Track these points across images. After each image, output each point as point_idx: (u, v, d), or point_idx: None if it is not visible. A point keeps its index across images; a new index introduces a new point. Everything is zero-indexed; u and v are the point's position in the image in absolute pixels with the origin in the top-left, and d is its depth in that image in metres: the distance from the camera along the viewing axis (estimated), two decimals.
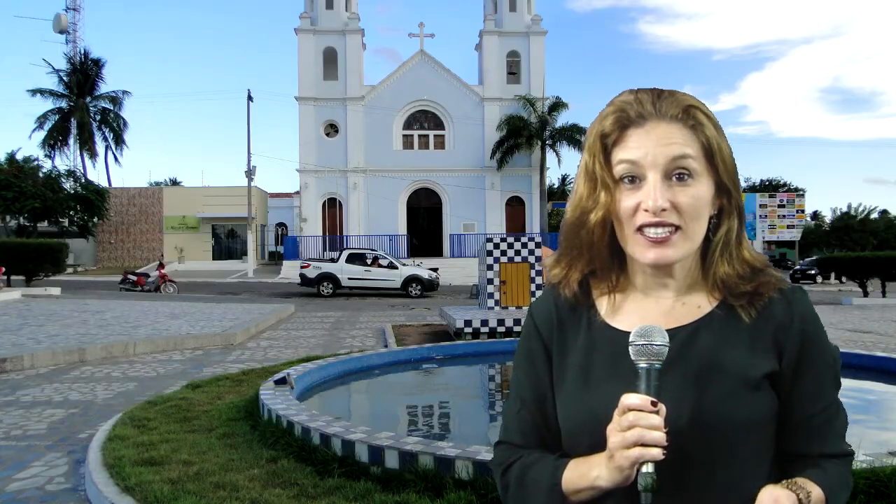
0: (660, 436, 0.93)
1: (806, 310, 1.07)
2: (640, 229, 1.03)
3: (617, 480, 0.97)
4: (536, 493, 1.07)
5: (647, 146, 1.02)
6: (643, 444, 0.92)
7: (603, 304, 1.13)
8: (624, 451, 0.94)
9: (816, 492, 1.00)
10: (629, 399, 0.95)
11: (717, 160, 1.05)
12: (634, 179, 1.04)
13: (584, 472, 1.02)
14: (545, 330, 1.15)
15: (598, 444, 1.00)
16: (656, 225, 1.01)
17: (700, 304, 1.09)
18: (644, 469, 0.93)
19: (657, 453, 0.92)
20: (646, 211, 1.01)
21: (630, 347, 0.99)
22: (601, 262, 1.11)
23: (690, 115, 1.04)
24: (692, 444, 0.99)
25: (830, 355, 1.08)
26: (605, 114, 1.07)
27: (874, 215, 63.15)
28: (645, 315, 1.08)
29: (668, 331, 1.00)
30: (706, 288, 1.09)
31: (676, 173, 1.02)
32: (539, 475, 1.07)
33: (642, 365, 0.98)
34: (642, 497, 0.95)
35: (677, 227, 1.02)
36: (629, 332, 1.01)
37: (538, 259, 12.40)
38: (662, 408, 0.95)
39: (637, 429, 0.93)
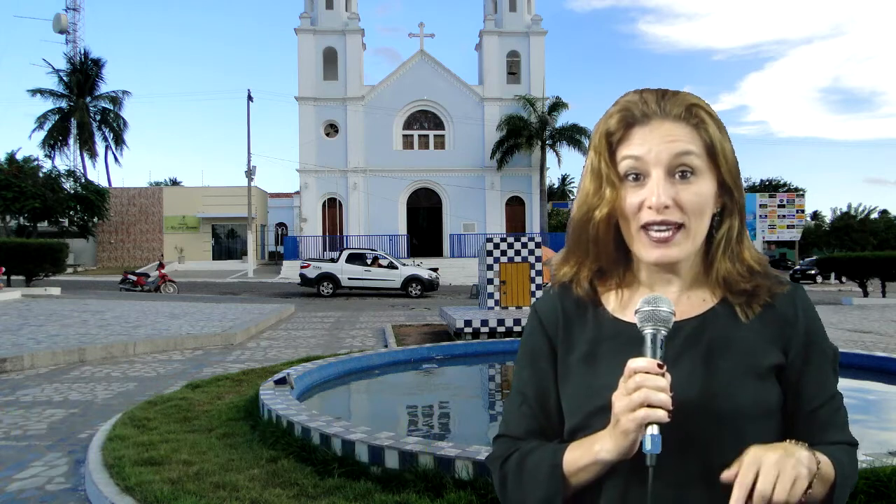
0: (666, 398, 0.93)
1: (808, 305, 1.11)
2: (644, 227, 1.05)
3: (622, 448, 0.97)
4: (536, 476, 1.06)
5: (650, 143, 1.04)
6: (650, 406, 0.92)
7: (610, 300, 1.14)
8: (630, 414, 0.93)
9: (824, 458, 0.98)
10: (635, 362, 0.95)
11: (720, 158, 1.06)
12: (639, 177, 1.05)
13: (586, 449, 1.02)
14: (550, 327, 1.16)
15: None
16: (660, 224, 1.03)
17: (705, 298, 1.11)
18: (649, 431, 0.93)
19: (663, 415, 0.92)
20: (649, 208, 1.03)
21: (636, 314, 1.00)
22: (607, 258, 1.12)
23: (693, 113, 1.05)
24: (701, 427, 1.00)
25: (830, 349, 1.11)
26: (610, 113, 1.09)
27: (874, 215, 63.05)
28: None
29: (675, 323, 1.01)
30: (709, 284, 1.11)
31: (679, 171, 1.04)
32: (539, 459, 1.07)
33: (648, 331, 0.98)
34: (648, 458, 0.94)
35: (680, 225, 1.04)
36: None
37: (538, 259, 12.39)
38: (668, 373, 0.95)
39: (643, 390, 0.93)
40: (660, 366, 0.94)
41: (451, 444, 4.06)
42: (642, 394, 0.93)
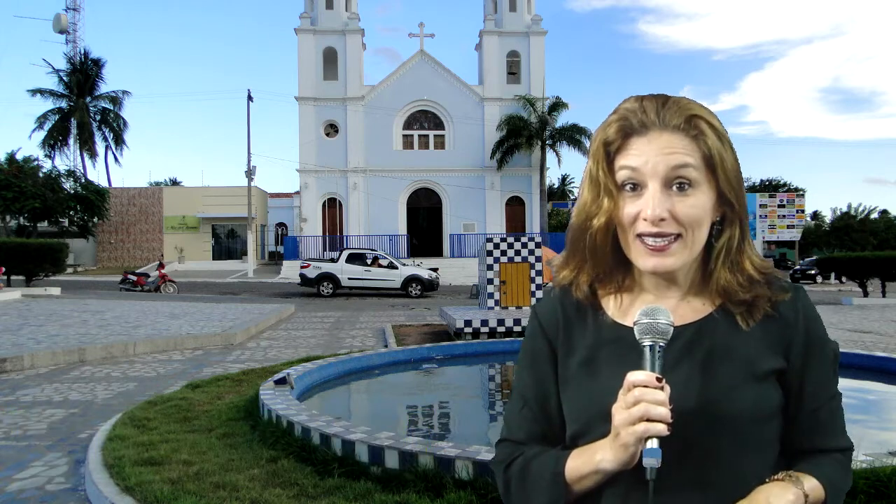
0: (665, 412, 0.93)
1: (809, 307, 1.11)
2: (639, 237, 1.04)
3: (622, 460, 0.98)
4: (539, 483, 1.07)
5: (647, 154, 1.03)
6: (649, 420, 0.93)
7: (609, 304, 1.14)
8: (629, 428, 0.94)
9: (813, 483, 1.02)
10: (634, 376, 0.96)
11: (719, 170, 1.05)
12: (636, 187, 1.05)
13: (587, 458, 1.03)
14: (550, 329, 1.16)
15: (607, 435, 1.00)
16: (655, 235, 1.03)
17: (704, 304, 1.11)
18: (649, 445, 0.93)
19: (662, 429, 0.93)
20: (645, 220, 1.03)
21: (635, 326, 1.00)
22: (605, 265, 1.12)
23: (693, 124, 1.04)
24: (699, 433, 1.01)
25: (831, 350, 1.11)
26: (609, 121, 1.08)
27: (874, 215, 63.06)
28: None
29: (675, 329, 1.01)
30: (708, 292, 1.11)
31: (676, 183, 1.03)
32: (541, 466, 1.08)
33: (647, 343, 0.98)
34: (647, 472, 0.94)
35: (678, 236, 1.04)
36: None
37: (538, 259, 12.39)
38: (667, 386, 0.95)
39: (643, 404, 0.94)
40: (658, 379, 0.95)
41: (451, 444, 4.06)
42: (641, 408, 0.93)
